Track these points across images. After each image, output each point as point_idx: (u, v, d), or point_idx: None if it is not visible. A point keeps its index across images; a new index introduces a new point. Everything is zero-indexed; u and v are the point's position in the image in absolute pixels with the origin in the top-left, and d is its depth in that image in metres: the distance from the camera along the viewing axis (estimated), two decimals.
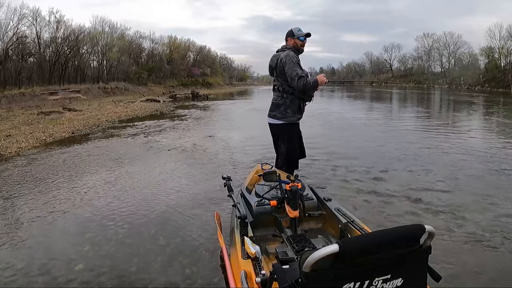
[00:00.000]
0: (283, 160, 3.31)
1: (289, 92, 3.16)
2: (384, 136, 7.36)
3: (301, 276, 1.06)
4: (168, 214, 3.17)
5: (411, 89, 37.87)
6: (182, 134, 8.02)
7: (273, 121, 3.29)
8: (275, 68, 3.17)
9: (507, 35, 34.97)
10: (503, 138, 7.02)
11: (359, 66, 72.55)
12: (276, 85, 3.25)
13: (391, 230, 1.15)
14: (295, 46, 3.19)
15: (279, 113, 3.21)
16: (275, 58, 3.17)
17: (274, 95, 3.29)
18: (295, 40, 3.18)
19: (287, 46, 3.21)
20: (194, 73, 41.05)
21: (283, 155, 3.30)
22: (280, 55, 3.13)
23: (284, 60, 3.07)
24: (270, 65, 3.25)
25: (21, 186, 4.11)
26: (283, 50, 3.18)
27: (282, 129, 3.27)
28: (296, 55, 3.13)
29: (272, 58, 3.22)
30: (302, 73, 3.04)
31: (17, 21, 23.91)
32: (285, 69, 3.06)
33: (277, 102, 3.23)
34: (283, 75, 3.11)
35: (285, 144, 3.28)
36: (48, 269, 2.28)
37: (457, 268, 2.20)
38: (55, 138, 7.58)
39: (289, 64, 3.03)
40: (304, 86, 3.03)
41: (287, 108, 3.19)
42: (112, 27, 34.07)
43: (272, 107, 3.28)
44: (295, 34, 3.17)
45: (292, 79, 3.03)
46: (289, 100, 3.18)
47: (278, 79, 3.20)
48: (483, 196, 3.49)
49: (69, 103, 16.76)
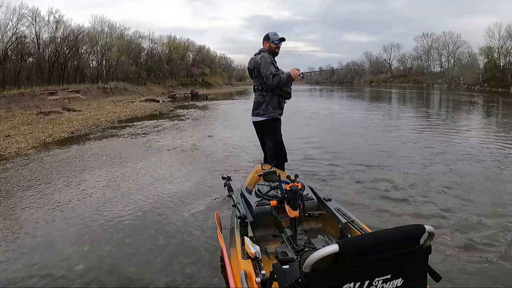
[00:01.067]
0: (271, 155, 3.54)
1: (268, 90, 3.43)
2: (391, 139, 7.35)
3: (301, 276, 1.06)
4: (168, 214, 3.17)
5: (410, 89, 37.89)
6: (182, 134, 8.02)
7: (257, 119, 3.55)
8: (253, 70, 3.44)
9: (506, 34, 34.96)
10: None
11: (358, 66, 72.56)
12: (256, 85, 3.53)
13: (391, 230, 1.15)
14: (270, 49, 3.46)
15: (262, 110, 3.47)
16: (253, 61, 3.46)
17: (256, 95, 3.55)
18: (270, 44, 3.46)
19: (263, 49, 3.50)
20: (193, 73, 41.00)
21: (270, 150, 3.54)
22: (256, 58, 3.42)
23: (259, 62, 3.36)
24: (249, 68, 3.53)
25: (21, 186, 4.11)
26: (259, 53, 3.46)
27: (267, 125, 3.52)
28: (270, 56, 3.41)
29: (250, 61, 3.52)
30: (275, 72, 3.29)
31: (16, 21, 23.89)
32: (260, 70, 3.33)
33: (258, 101, 3.50)
34: (260, 75, 3.38)
35: (271, 139, 3.53)
36: (48, 269, 2.28)
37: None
38: (55, 138, 7.58)
39: (264, 65, 3.30)
40: (278, 82, 3.30)
41: (268, 105, 3.45)
42: (112, 27, 34.06)
43: (255, 106, 3.54)
44: (271, 38, 3.47)
45: (267, 77, 3.29)
46: (268, 97, 3.44)
47: (257, 79, 3.47)
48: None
49: (69, 103, 16.75)
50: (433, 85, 44.18)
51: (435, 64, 51.23)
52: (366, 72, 66.40)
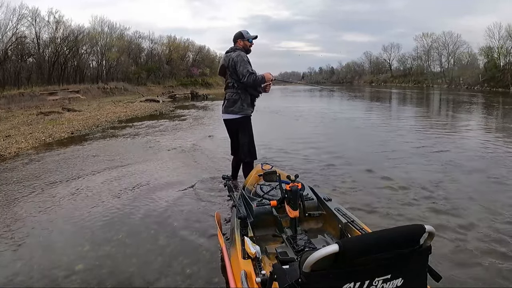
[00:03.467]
0: (246, 152, 3.57)
1: (243, 88, 3.45)
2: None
3: (301, 276, 1.06)
4: (167, 214, 3.17)
5: (410, 89, 37.89)
6: (182, 134, 8.02)
7: (231, 116, 3.54)
8: (228, 67, 3.43)
9: (506, 34, 34.93)
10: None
11: (358, 66, 72.65)
12: (230, 83, 3.51)
13: (391, 230, 1.15)
14: (244, 47, 3.48)
15: (237, 108, 3.48)
16: (227, 58, 3.45)
17: (229, 92, 3.52)
18: (245, 42, 3.49)
19: (237, 47, 3.48)
20: (193, 73, 41.00)
21: (245, 146, 3.56)
22: (232, 55, 3.41)
23: (235, 59, 3.36)
24: (223, 65, 3.50)
25: (21, 186, 4.10)
26: (234, 51, 3.45)
27: (242, 122, 3.54)
28: (246, 55, 3.44)
29: (224, 58, 3.50)
30: (252, 70, 3.36)
31: (16, 22, 23.91)
32: (237, 67, 3.34)
33: (233, 98, 3.49)
34: (235, 73, 3.39)
35: (246, 135, 3.56)
36: (48, 269, 2.28)
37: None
38: (55, 138, 7.58)
39: (241, 63, 3.33)
40: (254, 81, 3.35)
41: (243, 102, 3.47)
42: (111, 27, 34.04)
43: (229, 104, 3.51)
44: (245, 36, 3.47)
45: (244, 75, 3.32)
46: (243, 95, 3.47)
47: (231, 77, 3.46)
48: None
49: (69, 103, 16.75)
50: (433, 85, 44.16)
51: (435, 64, 51.25)
52: (366, 72, 66.44)
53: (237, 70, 3.35)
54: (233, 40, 3.54)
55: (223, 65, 3.51)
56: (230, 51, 3.47)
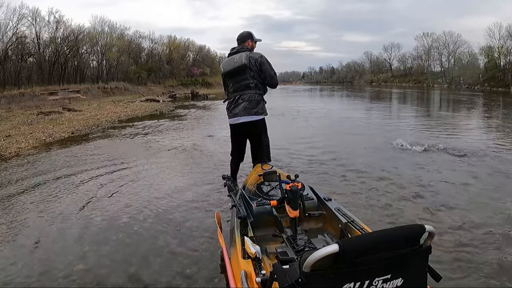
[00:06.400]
0: (268, 153, 3.55)
1: (262, 89, 3.39)
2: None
3: (301, 276, 1.05)
4: (167, 214, 3.17)
5: (411, 89, 37.87)
6: (182, 134, 8.02)
7: (253, 118, 3.33)
8: (250, 66, 3.23)
9: (507, 34, 34.92)
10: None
11: (358, 65, 72.61)
12: (252, 83, 3.31)
13: (391, 230, 1.15)
14: (252, 48, 3.43)
15: (261, 109, 3.37)
16: (248, 57, 3.24)
17: (249, 93, 3.29)
18: (253, 43, 3.46)
19: (246, 47, 3.36)
20: (193, 73, 41.04)
21: (268, 147, 3.54)
22: (252, 55, 3.28)
23: (261, 60, 3.28)
24: (244, 64, 3.23)
25: (21, 186, 4.11)
26: (248, 50, 3.33)
27: (264, 123, 3.47)
28: None
29: (244, 57, 3.25)
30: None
31: (17, 21, 23.95)
32: (263, 68, 3.26)
33: (256, 99, 3.34)
34: (258, 73, 3.29)
35: (267, 136, 3.53)
36: (48, 269, 2.28)
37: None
38: (55, 138, 7.58)
39: (268, 64, 3.30)
40: (277, 82, 3.41)
41: (264, 103, 3.43)
42: (112, 27, 34.12)
43: (252, 105, 3.30)
44: (255, 38, 3.46)
45: (272, 77, 3.33)
46: (262, 96, 3.42)
47: (253, 78, 3.29)
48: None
49: (69, 103, 16.75)
50: (433, 84, 44.13)
51: (435, 64, 51.23)
52: (366, 72, 66.42)
53: (264, 71, 3.25)
54: (239, 39, 3.40)
55: (245, 64, 3.23)
56: (243, 50, 3.30)
